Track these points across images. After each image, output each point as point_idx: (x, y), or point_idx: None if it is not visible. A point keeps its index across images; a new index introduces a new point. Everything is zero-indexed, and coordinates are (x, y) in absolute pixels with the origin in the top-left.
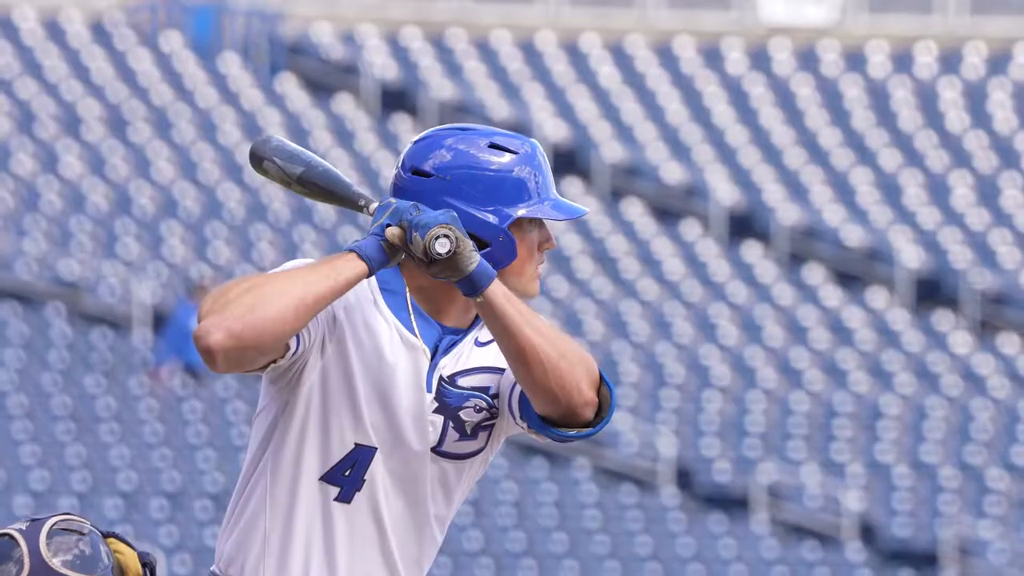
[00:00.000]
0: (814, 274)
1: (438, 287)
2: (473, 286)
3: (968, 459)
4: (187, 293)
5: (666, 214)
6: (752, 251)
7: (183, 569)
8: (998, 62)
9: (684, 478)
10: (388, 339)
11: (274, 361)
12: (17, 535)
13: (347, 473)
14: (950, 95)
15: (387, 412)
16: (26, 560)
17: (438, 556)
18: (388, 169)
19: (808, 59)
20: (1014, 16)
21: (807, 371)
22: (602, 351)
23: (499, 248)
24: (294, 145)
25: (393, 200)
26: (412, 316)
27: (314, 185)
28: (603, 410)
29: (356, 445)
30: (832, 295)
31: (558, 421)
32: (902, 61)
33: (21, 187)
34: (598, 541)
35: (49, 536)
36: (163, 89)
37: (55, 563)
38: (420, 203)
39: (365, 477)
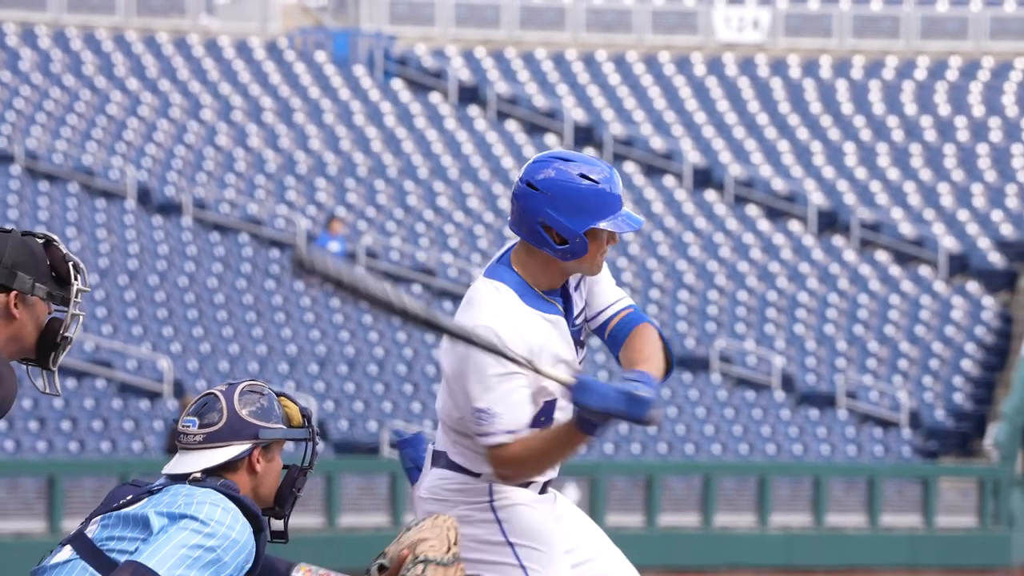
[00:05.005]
0: (752, 211)
1: (539, 271)
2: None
3: (855, 332)
4: (326, 225)
5: (652, 171)
6: (710, 196)
7: (330, 408)
8: (873, 68)
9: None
10: (547, 332)
11: None
12: (219, 393)
13: (542, 420)
14: (843, 90)
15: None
16: (224, 410)
17: None
18: (466, 144)
19: (748, 66)
20: (885, 39)
21: (747, 275)
22: (609, 265)
23: (575, 245)
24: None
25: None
26: (543, 301)
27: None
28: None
29: (544, 402)
30: (765, 225)
31: None
32: (811, 68)
33: (220, 155)
34: None
35: (240, 395)
36: (314, 89)
37: (243, 413)
38: (528, 209)
39: (553, 416)
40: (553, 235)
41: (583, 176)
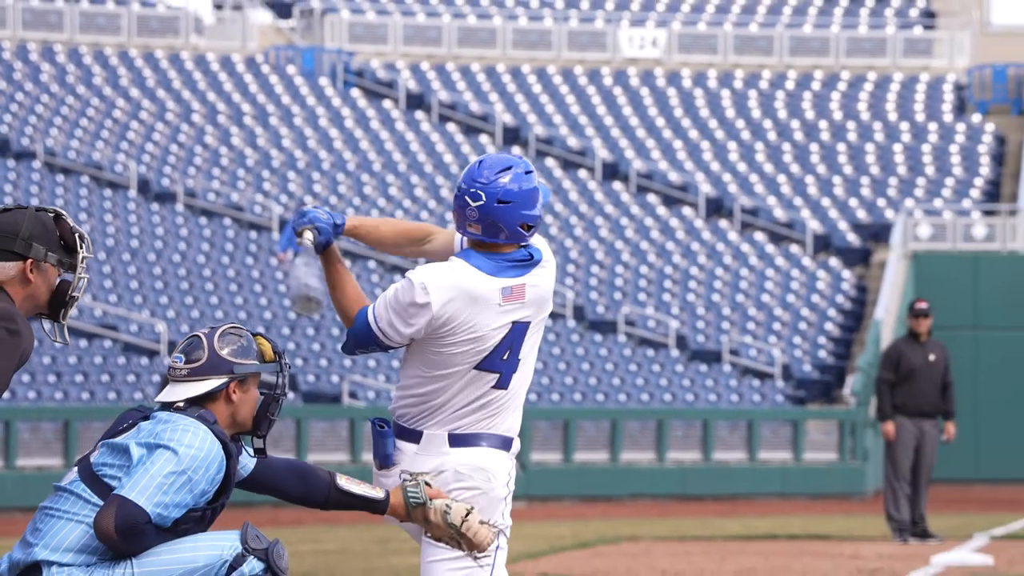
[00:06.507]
0: (652, 199)
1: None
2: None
3: (737, 300)
4: (296, 211)
5: (569, 165)
6: (617, 186)
7: (299, 364)
8: (752, 80)
9: (579, 311)
10: None
11: None
12: (202, 335)
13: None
14: (727, 98)
15: None
16: (206, 349)
17: None
18: (413, 143)
19: (648, 78)
20: (762, 55)
21: (648, 253)
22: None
23: (538, 226)
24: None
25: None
26: None
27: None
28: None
29: None
30: (662, 211)
31: None
32: (700, 79)
33: (208, 152)
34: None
35: (221, 336)
36: (286, 97)
37: (223, 352)
38: (507, 219)
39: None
40: (525, 228)
41: (528, 172)
